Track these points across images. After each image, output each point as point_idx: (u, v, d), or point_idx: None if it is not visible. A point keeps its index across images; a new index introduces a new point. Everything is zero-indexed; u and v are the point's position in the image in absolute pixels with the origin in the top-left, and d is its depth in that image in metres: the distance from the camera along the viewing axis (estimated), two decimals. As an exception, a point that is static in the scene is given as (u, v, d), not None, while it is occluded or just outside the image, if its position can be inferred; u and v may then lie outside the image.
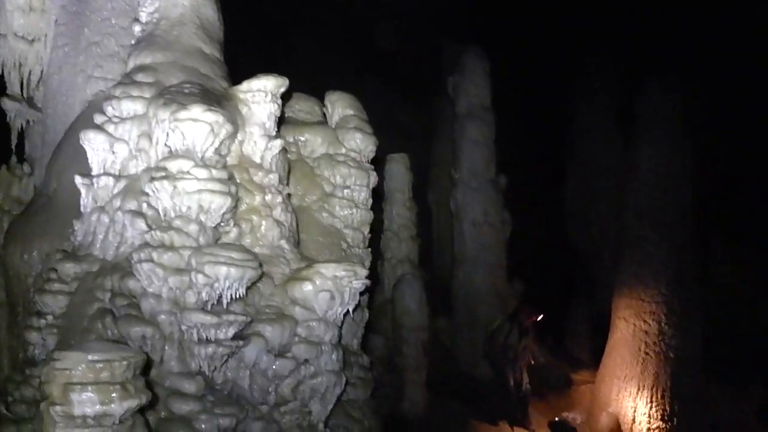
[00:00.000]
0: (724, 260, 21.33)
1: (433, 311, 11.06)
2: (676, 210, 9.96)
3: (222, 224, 4.42)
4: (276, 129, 5.23)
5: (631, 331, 9.70)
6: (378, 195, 10.93)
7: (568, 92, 15.60)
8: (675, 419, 9.47)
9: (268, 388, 4.27)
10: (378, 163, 10.65)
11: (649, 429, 9.46)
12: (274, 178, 4.93)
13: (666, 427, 9.51)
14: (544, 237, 14.84)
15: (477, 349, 10.40)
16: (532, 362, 9.95)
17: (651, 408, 9.51)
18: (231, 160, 4.82)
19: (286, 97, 6.09)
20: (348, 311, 4.68)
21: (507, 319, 9.83)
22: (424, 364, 8.87)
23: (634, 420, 9.52)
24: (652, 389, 9.59)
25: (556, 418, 9.78)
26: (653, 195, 10.10)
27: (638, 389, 9.61)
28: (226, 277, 3.96)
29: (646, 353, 9.42)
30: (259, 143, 4.98)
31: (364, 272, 4.51)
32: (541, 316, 9.91)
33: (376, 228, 10.87)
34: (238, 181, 4.67)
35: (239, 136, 4.86)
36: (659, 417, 9.42)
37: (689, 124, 11.03)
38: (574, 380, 11.12)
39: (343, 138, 6.44)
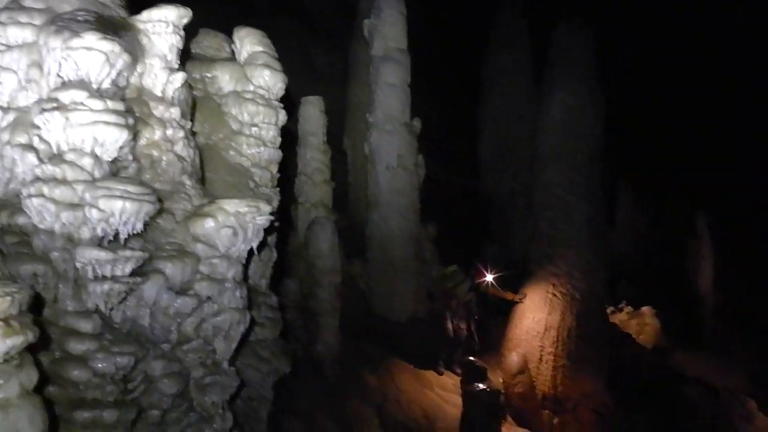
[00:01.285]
0: (631, 204, 22.20)
1: (349, 255, 11.12)
2: (586, 155, 10.21)
3: (120, 159, 4.22)
4: (178, 62, 5.00)
5: (541, 274, 9.98)
6: (293, 138, 10.83)
7: (484, 37, 15.64)
8: (579, 356, 9.87)
9: (169, 327, 4.17)
10: (293, 106, 10.52)
11: (554, 367, 9.83)
12: (175, 112, 4.73)
13: (570, 364, 9.91)
14: (459, 182, 15.02)
15: (391, 292, 10.51)
16: (476, 317, 10.15)
17: (557, 347, 9.86)
18: (130, 93, 4.59)
19: (192, 33, 5.83)
20: (252, 249, 4.58)
21: (462, 271, 9.97)
22: (338, 308, 8.87)
23: (540, 359, 9.86)
24: (558, 329, 9.93)
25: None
26: (564, 140, 10.31)
27: (545, 329, 9.94)
28: (121, 211, 3.79)
29: (554, 295, 9.74)
30: (159, 76, 4.75)
31: (267, 208, 4.41)
32: (491, 277, 10.10)
33: (291, 172, 10.82)
34: (137, 114, 4.47)
35: (138, 68, 4.62)
36: (565, 355, 9.80)
37: (601, 71, 11.25)
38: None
39: (251, 75, 6.24)
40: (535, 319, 9.90)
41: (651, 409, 10.77)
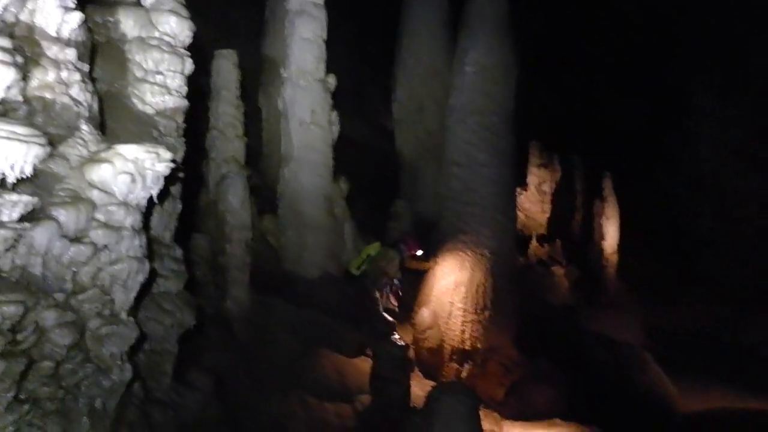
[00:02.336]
0: (541, 165, 22.74)
1: (261, 211, 11.02)
2: (498, 115, 10.32)
3: (8, 101, 4.00)
4: (75, 1, 4.76)
5: (451, 231, 10.11)
6: (206, 92, 10.59)
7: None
8: (487, 312, 10.10)
9: (63, 276, 4.02)
10: (206, 60, 10.26)
11: (463, 322, 10.01)
12: (71, 53, 4.50)
13: (479, 320, 10.12)
14: (372, 138, 15.01)
15: (303, 249, 10.47)
16: (400, 293, 10.16)
17: (466, 303, 10.05)
18: (20, 31, 4.33)
19: (95, -25, 5.57)
20: (153, 197, 4.45)
21: (389, 247, 9.88)
22: (248, 263, 8.79)
23: (449, 315, 10.02)
24: (467, 286, 10.11)
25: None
26: (477, 99, 10.40)
27: (455, 286, 10.10)
28: (7, 153, 3.61)
29: (464, 252, 9.89)
30: (53, 14, 4.49)
31: (168, 155, 4.28)
32: (421, 251, 10.08)
33: (203, 127, 10.59)
34: (28, 54, 4.24)
35: (29, 5, 4.37)
36: (473, 311, 10.00)
37: (515, 32, 11.37)
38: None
39: (156, 21, 6.01)
40: (445, 276, 10.04)
41: (554, 361, 11.16)
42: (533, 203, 22.11)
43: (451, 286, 10.02)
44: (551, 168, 23.68)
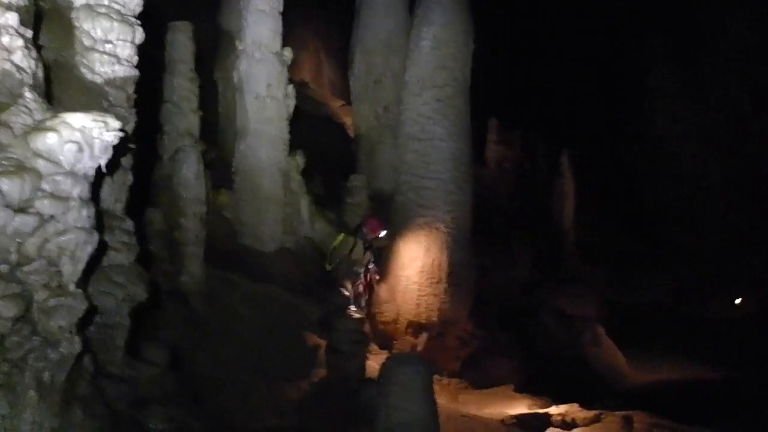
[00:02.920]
0: (500, 141, 22.88)
1: (218, 186, 10.90)
2: (454, 89, 10.32)
3: (-54, 67, 3.88)
4: (16, -35, 4.60)
5: (408, 206, 10.12)
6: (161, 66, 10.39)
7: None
8: (443, 286, 10.18)
9: (8, 247, 3.91)
10: (161, 33, 10.07)
11: (419, 296, 10.09)
12: (12, 18, 4.35)
13: (435, 294, 10.21)
14: (329, 112, 14.93)
15: (259, 222, 10.41)
16: (377, 277, 10.02)
17: (422, 276, 10.11)
18: (-44, -6, 4.20)
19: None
20: (101, 167, 4.34)
21: (352, 233, 9.65)
22: (203, 237, 8.71)
23: (406, 289, 10.08)
24: (423, 260, 10.17)
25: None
26: (433, 73, 10.38)
27: (411, 260, 10.15)
28: (-55, 120, 3.50)
29: (420, 226, 9.92)
30: (-9, -23, 4.36)
31: (116, 124, 4.17)
32: (385, 231, 9.91)
33: (158, 102, 10.41)
34: (-34, 19, 4.10)
35: (-34, -33, 4.23)
36: (428, 284, 10.07)
37: (471, 6, 11.36)
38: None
39: (105, -12, 5.86)
40: (402, 250, 10.09)
41: (510, 335, 11.34)
42: (493, 179, 22.29)
43: (407, 260, 10.06)
44: (510, 145, 23.85)
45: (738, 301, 13.32)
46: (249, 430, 6.30)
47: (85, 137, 4.06)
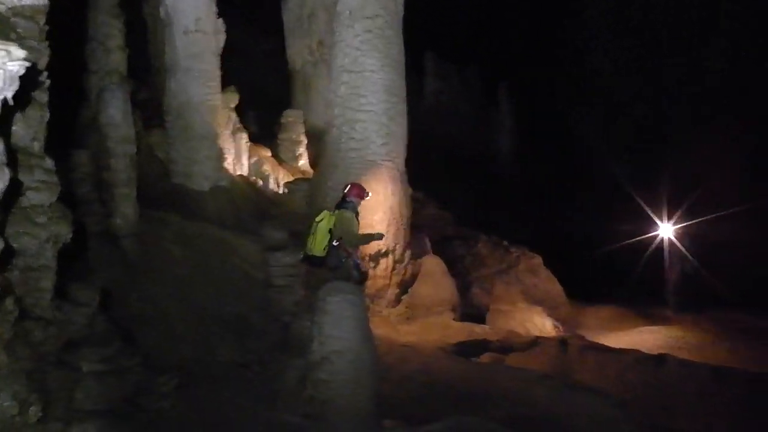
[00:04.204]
0: (435, 74, 22.85)
1: (150, 125, 10.64)
2: (386, 20, 10.15)
3: None
4: None
5: (341, 139, 10.04)
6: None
7: None
8: (380, 216, 10.18)
9: None
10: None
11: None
12: None
13: (370, 224, 10.20)
14: (265, 46, 14.61)
15: (192, 162, 10.23)
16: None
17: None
18: None
19: None
20: (7, 100, 4.13)
21: (338, 206, 9.01)
22: (134, 178, 8.51)
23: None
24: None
25: None
26: (365, 5, 10.18)
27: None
28: None
29: (352, 158, 9.85)
30: None
31: (20, 53, 3.97)
32: (369, 194, 9.53)
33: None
34: None
35: None
36: (365, 215, 10.06)
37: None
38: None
39: None
40: (339, 183, 10.02)
41: (449, 262, 11.50)
42: (431, 113, 22.29)
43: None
44: (448, 78, 23.84)
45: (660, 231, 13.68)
46: (181, 367, 6.29)
47: (-15, 67, 3.87)
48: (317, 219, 8.37)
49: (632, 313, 13.26)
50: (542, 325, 10.89)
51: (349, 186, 8.70)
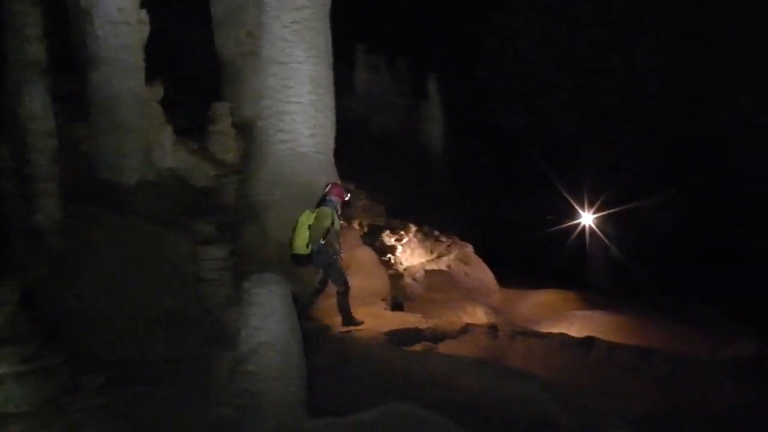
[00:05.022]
0: (365, 66, 22.87)
1: (74, 119, 10.38)
2: (314, 11, 10.11)
3: None
4: None
5: (269, 131, 9.99)
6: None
7: None
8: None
9: None
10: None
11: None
12: None
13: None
14: (190, 38, 14.36)
15: (118, 155, 10.02)
16: None
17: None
18: None
19: None
20: None
21: (319, 204, 8.93)
22: (57, 173, 8.33)
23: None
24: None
25: None
26: (293, 5, 10.09)
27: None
28: None
29: (282, 150, 9.81)
30: None
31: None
32: (349, 195, 9.49)
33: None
34: None
35: None
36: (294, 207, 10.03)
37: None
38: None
39: None
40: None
41: (381, 253, 11.60)
42: (361, 105, 22.28)
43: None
44: (378, 70, 23.85)
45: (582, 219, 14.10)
46: (111, 364, 6.21)
47: None
48: (300, 218, 8.60)
49: (563, 298, 13.59)
50: (473, 312, 11.09)
51: (330, 186, 8.85)
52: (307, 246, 8.52)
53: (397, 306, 10.85)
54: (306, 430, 5.04)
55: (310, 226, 8.52)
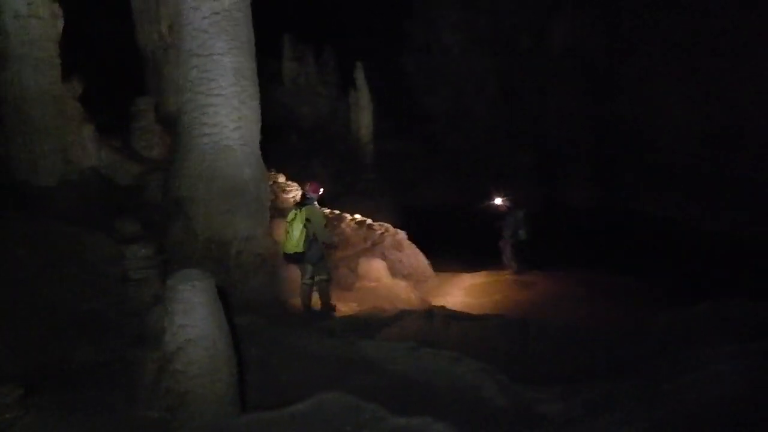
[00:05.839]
0: (292, 57, 22.69)
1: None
2: (233, 2, 9.89)
3: None
4: None
5: (193, 125, 9.74)
6: None
7: None
8: (237, 202, 9.98)
9: None
10: None
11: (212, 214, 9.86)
12: None
13: (227, 210, 10.00)
14: (108, 34, 13.97)
15: (35, 156, 9.65)
16: None
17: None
18: None
19: None
20: None
21: (301, 204, 9.08)
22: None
23: (204, 210, 9.83)
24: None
25: None
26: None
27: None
28: None
29: (206, 143, 9.59)
30: None
31: None
32: (322, 190, 9.51)
33: None
34: None
35: None
36: (221, 200, 9.85)
37: None
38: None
39: None
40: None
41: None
42: (289, 96, 22.10)
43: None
44: (305, 60, 23.67)
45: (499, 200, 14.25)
46: (32, 373, 5.98)
47: None
48: (288, 219, 9.00)
49: (496, 279, 13.71)
50: (408, 298, 11.09)
51: (308, 184, 9.13)
52: (303, 244, 8.93)
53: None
54: (237, 427, 4.93)
55: (305, 225, 8.89)
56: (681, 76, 21.29)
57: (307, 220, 8.90)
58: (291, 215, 9.06)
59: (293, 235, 8.91)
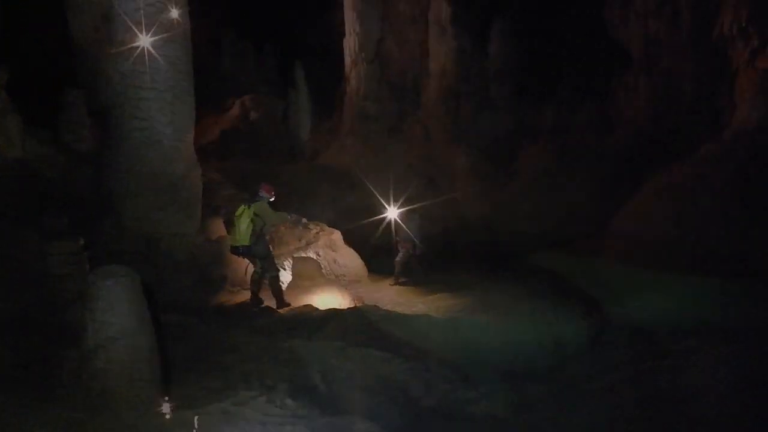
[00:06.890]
0: (233, 53, 22.48)
1: None
2: (174, 1, 9.77)
3: None
4: None
5: (125, 119, 9.59)
6: None
7: None
8: (170, 197, 9.87)
9: None
10: None
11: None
12: None
13: (160, 205, 9.87)
14: (41, 23, 13.62)
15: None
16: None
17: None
18: None
19: None
20: None
21: (252, 201, 9.27)
22: None
23: (134, 205, 9.65)
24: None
25: None
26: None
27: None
28: None
29: (136, 137, 9.45)
30: None
31: None
32: (274, 194, 9.67)
33: None
34: None
35: None
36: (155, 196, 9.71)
37: None
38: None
39: None
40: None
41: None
42: (230, 93, 21.88)
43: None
44: (245, 57, 23.50)
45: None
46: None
47: None
48: (237, 213, 9.22)
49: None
50: (341, 298, 11.06)
51: (261, 185, 9.49)
52: (249, 238, 9.15)
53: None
54: (158, 426, 4.88)
55: (252, 221, 9.14)
56: None
57: (256, 215, 9.14)
58: (239, 210, 9.27)
59: (240, 228, 9.14)
